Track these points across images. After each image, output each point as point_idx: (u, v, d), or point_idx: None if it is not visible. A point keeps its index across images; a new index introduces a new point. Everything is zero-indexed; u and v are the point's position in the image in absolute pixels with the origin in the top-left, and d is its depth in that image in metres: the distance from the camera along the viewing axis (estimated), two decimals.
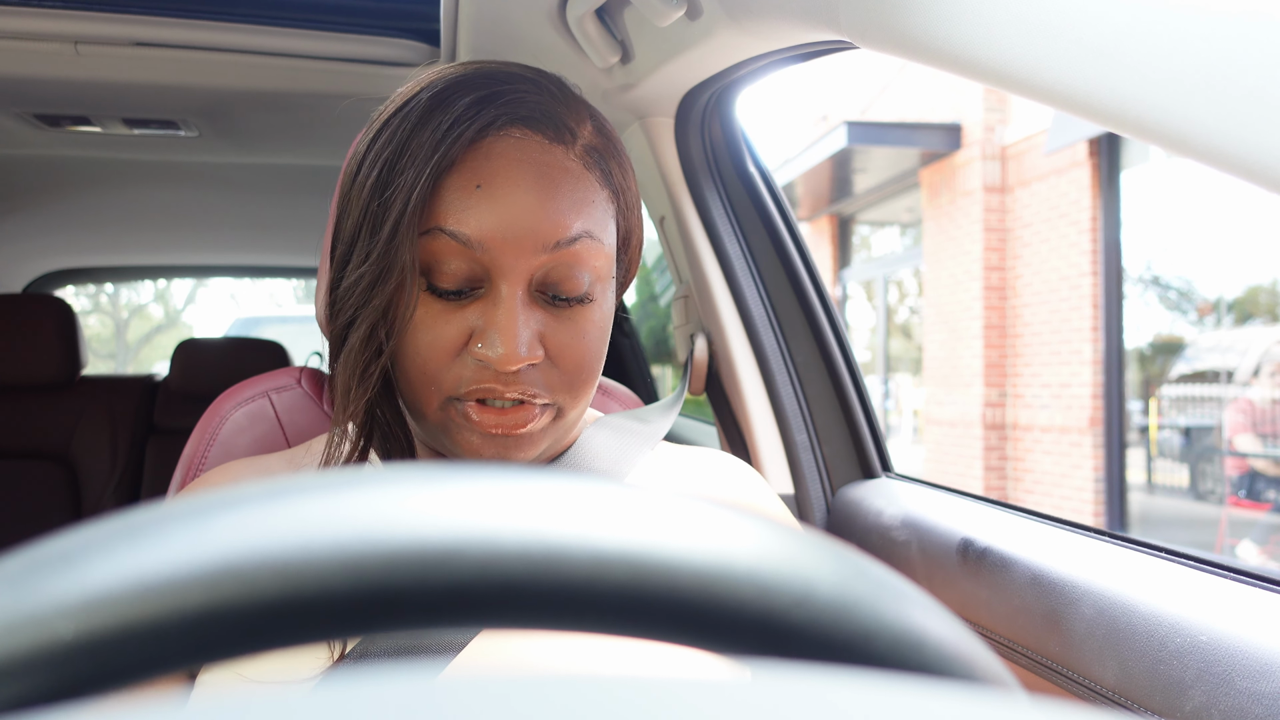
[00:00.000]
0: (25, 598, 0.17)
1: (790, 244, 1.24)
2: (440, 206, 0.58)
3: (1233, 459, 5.09)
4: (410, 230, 0.57)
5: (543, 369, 0.61)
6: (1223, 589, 0.67)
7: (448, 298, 0.60)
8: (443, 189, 0.58)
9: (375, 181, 0.60)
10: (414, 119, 0.60)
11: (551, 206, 0.59)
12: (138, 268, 3.15)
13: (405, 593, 0.18)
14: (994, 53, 0.53)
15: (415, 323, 0.60)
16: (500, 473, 0.21)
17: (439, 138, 0.58)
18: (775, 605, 0.19)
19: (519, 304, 0.59)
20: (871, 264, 9.13)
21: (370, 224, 0.59)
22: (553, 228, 0.59)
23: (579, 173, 0.61)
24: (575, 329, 0.61)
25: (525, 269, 0.59)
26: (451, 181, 0.58)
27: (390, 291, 0.58)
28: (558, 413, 0.63)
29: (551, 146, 0.61)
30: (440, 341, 0.59)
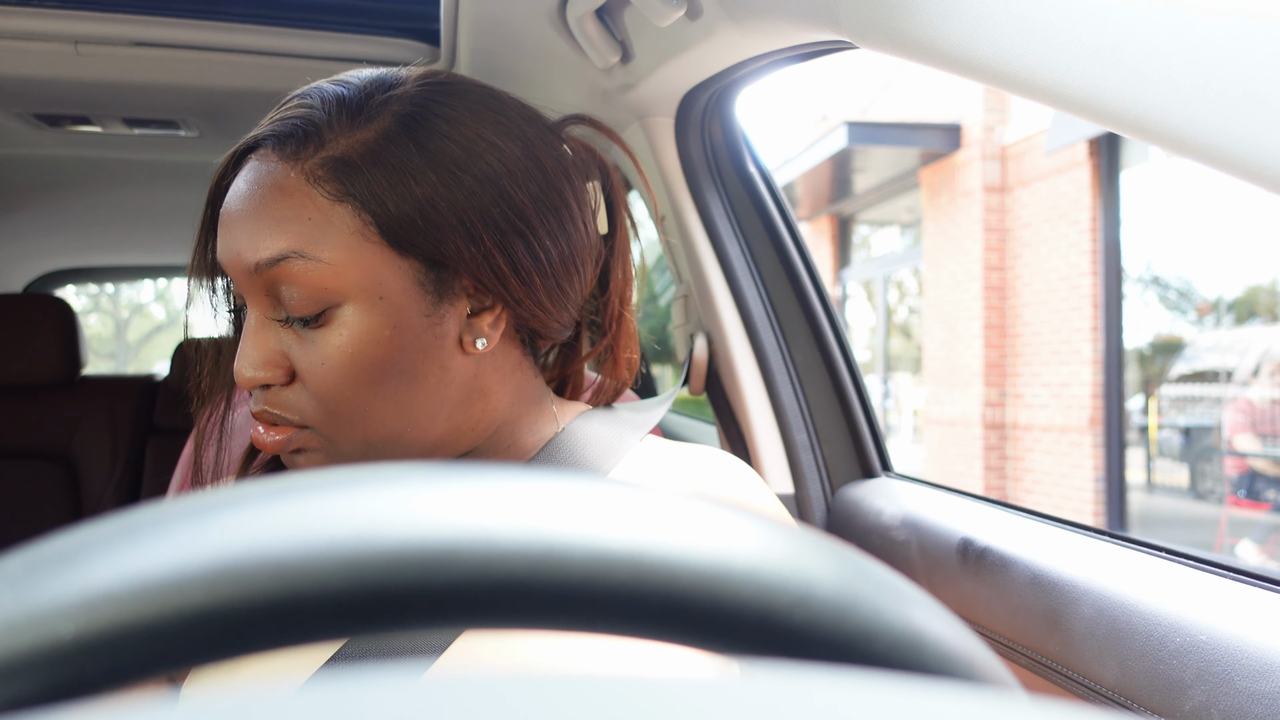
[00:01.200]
0: (25, 598, 0.17)
1: (790, 244, 1.24)
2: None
3: (1232, 459, 5.09)
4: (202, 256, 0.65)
5: (294, 392, 0.61)
6: (1222, 589, 0.67)
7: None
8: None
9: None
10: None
11: (250, 228, 0.59)
12: (138, 268, 3.15)
13: (404, 593, 0.18)
14: (994, 53, 0.53)
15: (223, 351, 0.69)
16: (501, 473, 0.21)
17: (225, 160, 0.63)
18: (775, 605, 0.19)
19: (255, 325, 0.61)
20: (871, 264, 9.13)
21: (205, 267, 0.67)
22: (250, 250, 0.59)
23: (296, 189, 0.59)
24: (316, 353, 0.60)
25: (251, 290, 0.60)
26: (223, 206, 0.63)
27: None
28: (328, 438, 0.62)
29: (281, 164, 0.60)
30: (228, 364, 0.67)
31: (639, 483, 0.21)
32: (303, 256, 0.58)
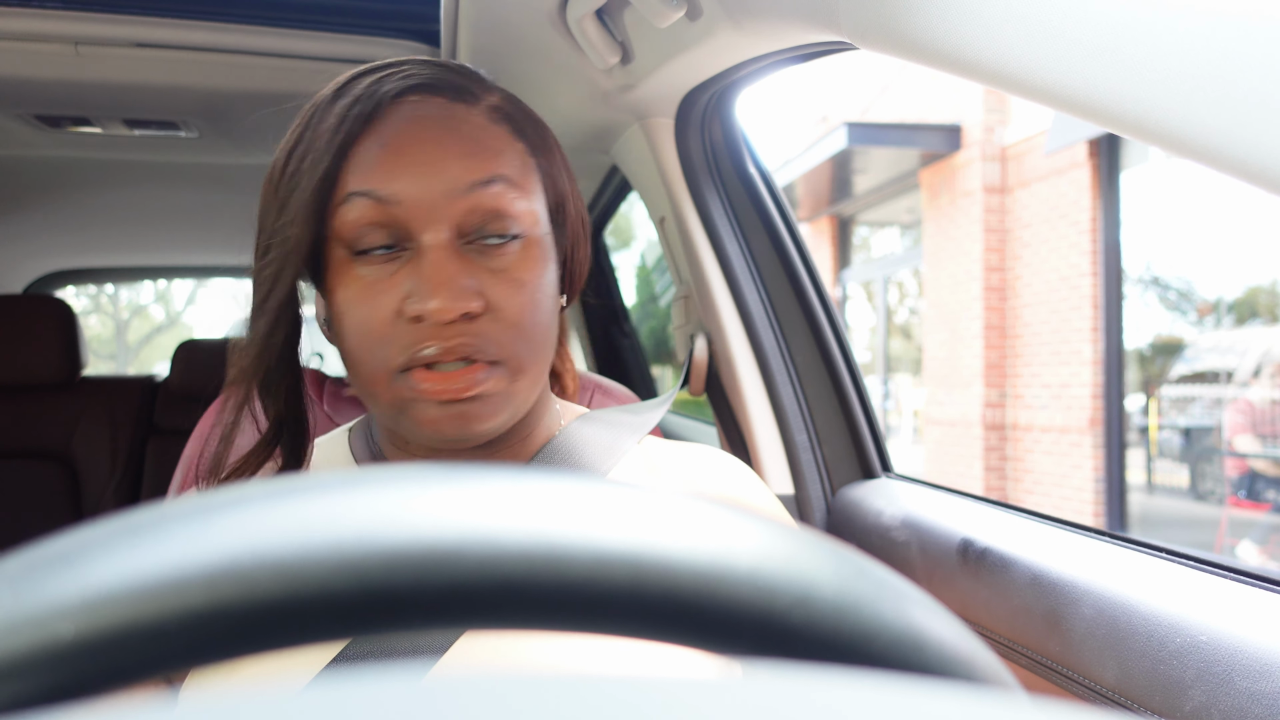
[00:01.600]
0: (25, 598, 0.17)
1: (790, 244, 1.24)
2: (349, 174, 0.59)
3: (1232, 459, 5.09)
4: (319, 201, 0.59)
5: (485, 324, 0.59)
6: (1223, 589, 0.67)
7: (375, 266, 0.59)
8: (350, 159, 0.59)
9: (284, 169, 0.61)
10: (319, 109, 0.62)
11: (460, 150, 0.60)
12: (138, 268, 3.15)
13: (404, 594, 0.18)
14: (994, 53, 0.53)
15: (351, 299, 0.59)
16: (502, 473, 0.21)
17: (341, 116, 0.60)
18: (775, 605, 0.19)
19: (445, 253, 0.59)
20: (871, 264, 9.13)
21: (279, 206, 0.60)
22: (464, 170, 0.59)
23: (485, 124, 0.62)
24: (512, 278, 0.60)
25: (445, 217, 0.59)
26: (358, 150, 0.60)
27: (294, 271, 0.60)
28: (512, 374, 0.61)
29: (453, 105, 0.62)
30: (377, 312, 0.59)
31: (639, 483, 0.21)
32: (507, 181, 0.61)
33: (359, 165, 0.59)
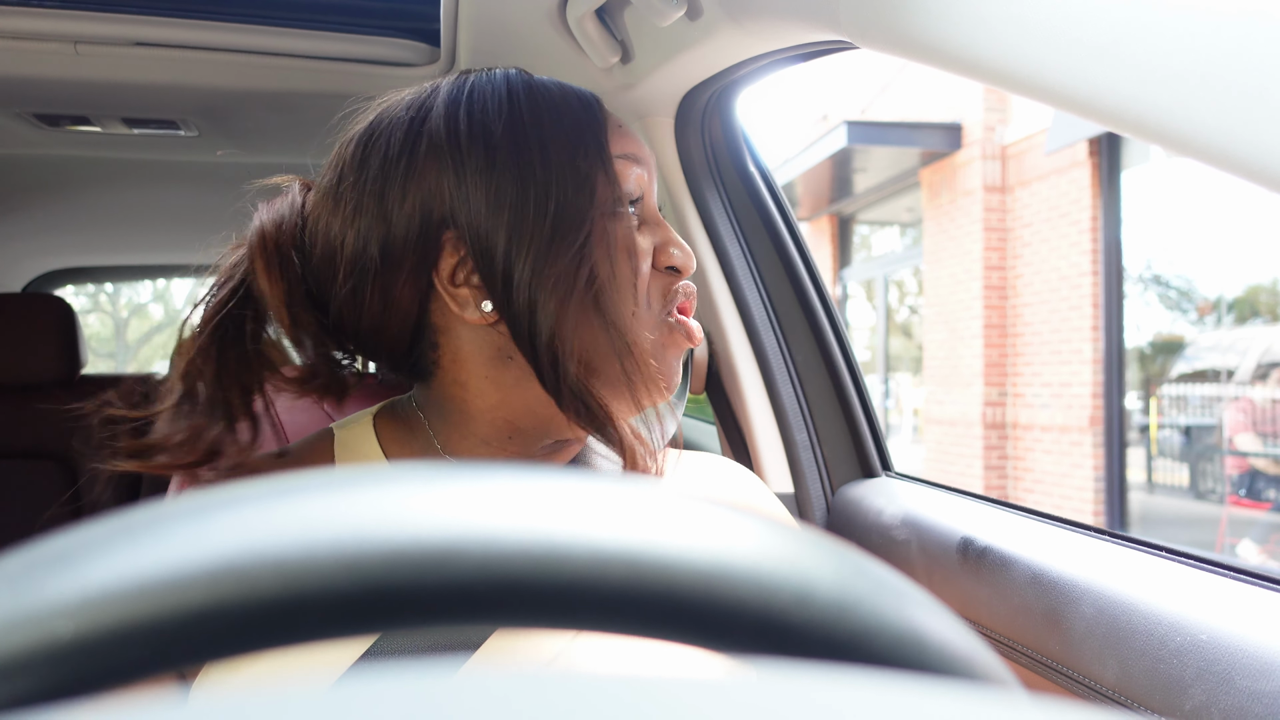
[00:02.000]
0: (24, 597, 0.17)
1: (790, 244, 1.24)
2: (612, 142, 0.66)
3: (1233, 458, 5.09)
4: (613, 177, 0.65)
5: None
6: (1223, 588, 0.67)
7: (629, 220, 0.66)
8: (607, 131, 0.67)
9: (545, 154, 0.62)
10: (534, 102, 0.65)
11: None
12: (138, 267, 3.15)
13: (408, 592, 0.18)
14: (994, 53, 0.53)
15: (632, 250, 0.65)
16: (504, 472, 0.21)
17: (581, 107, 0.67)
18: (775, 604, 0.19)
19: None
20: (871, 263, 9.13)
21: (572, 188, 0.62)
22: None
23: None
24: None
25: (656, 185, 0.70)
26: (608, 125, 0.68)
27: (614, 239, 0.63)
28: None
29: None
30: (646, 260, 0.67)
31: (639, 483, 0.22)
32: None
33: (613, 137, 0.67)
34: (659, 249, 0.68)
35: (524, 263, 0.60)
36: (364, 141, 0.65)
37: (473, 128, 0.62)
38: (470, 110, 0.63)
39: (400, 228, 0.62)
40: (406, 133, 0.64)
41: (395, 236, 0.62)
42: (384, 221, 0.62)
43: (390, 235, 0.62)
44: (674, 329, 0.68)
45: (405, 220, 0.62)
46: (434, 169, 0.62)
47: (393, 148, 0.63)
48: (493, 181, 0.61)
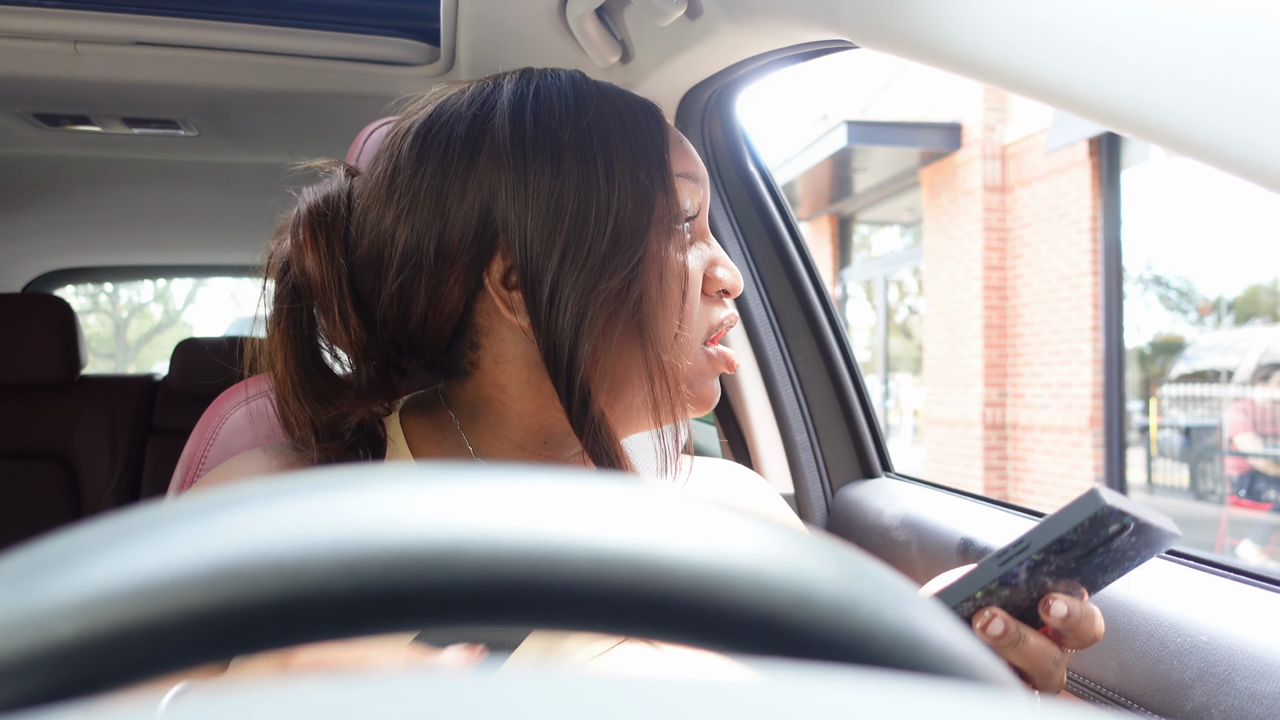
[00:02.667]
0: (24, 598, 0.17)
1: (790, 244, 1.24)
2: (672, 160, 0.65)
3: (1233, 459, 5.09)
4: (673, 199, 0.63)
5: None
6: (1223, 589, 0.67)
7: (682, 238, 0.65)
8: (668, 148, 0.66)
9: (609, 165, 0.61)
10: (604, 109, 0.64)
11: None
12: (138, 267, 3.15)
13: (411, 593, 0.18)
14: (994, 53, 0.53)
15: (683, 273, 0.63)
16: (506, 472, 0.21)
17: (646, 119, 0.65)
18: (776, 605, 0.19)
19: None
20: (871, 263, 9.13)
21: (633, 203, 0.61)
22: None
23: None
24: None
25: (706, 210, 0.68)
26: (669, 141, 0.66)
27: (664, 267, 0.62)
28: None
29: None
30: (697, 283, 0.65)
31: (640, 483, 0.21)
32: None
33: (673, 153, 0.65)
34: (709, 270, 0.66)
35: (576, 275, 0.59)
36: (422, 135, 0.64)
37: (539, 131, 0.61)
38: (537, 111, 0.62)
39: (457, 226, 0.61)
40: (469, 129, 0.62)
41: (451, 235, 0.61)
42: (441, 218, 0.61)
43: (446, 233, 0.61)
44: (713, 358, 0.67)
45: (463, 219, 0.61)
46: (495, 169, 0.61)
47: (454, 144, 0.62)
48: (556, 188, 0.60)
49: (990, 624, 0.54)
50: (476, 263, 0.61)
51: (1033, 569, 0.52)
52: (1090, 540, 0.52)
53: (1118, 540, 0.52)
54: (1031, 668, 0.55)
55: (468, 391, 0.67)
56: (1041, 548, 0.51)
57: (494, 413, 0.66)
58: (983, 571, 0.53)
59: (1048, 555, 0.52)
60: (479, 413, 0.67)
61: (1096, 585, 0.56)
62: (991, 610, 0.54)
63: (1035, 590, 0.54)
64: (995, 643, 0.54)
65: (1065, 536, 0.51)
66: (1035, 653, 0.55)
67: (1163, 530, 0.54)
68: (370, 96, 1.41)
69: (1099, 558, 0.53)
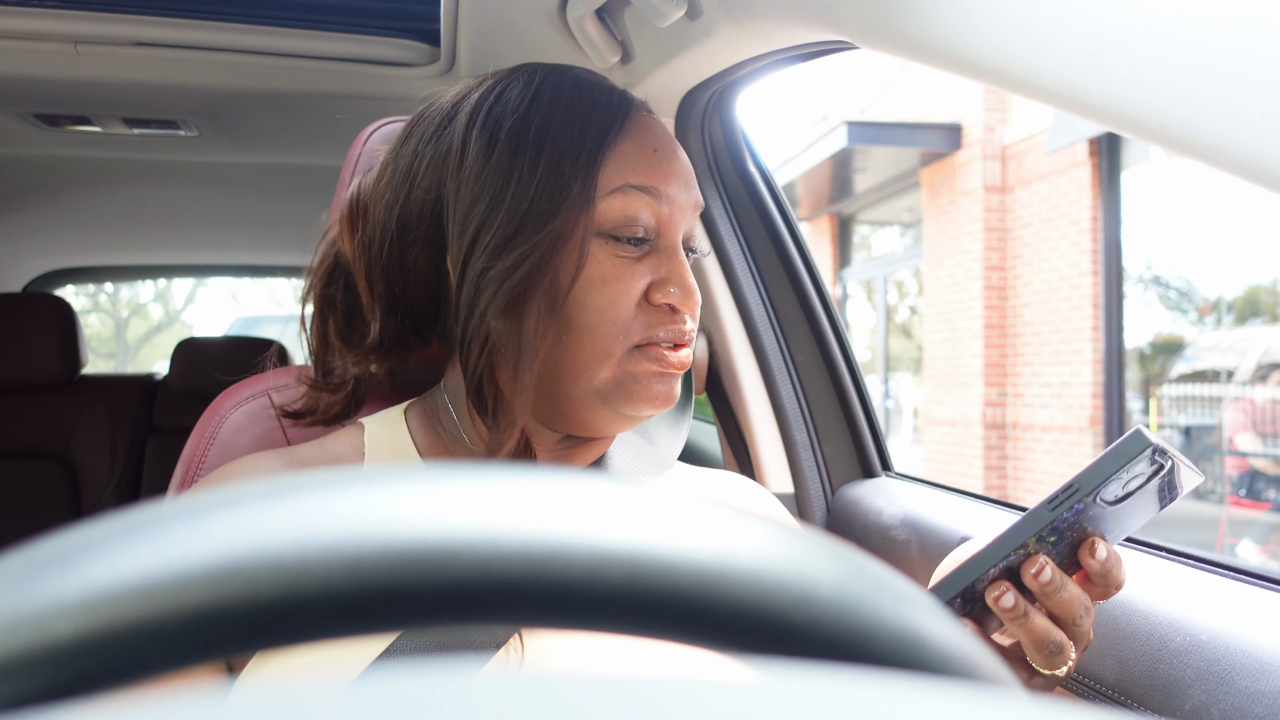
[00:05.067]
0: (25, 597, 0.17)
1: (790, 244, 1.24)
2: (620, 168, 0.65)
3: (1233, 458, 5.09)
4: (591, 190, 0.64)
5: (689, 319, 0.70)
6: (1223, 588, 0.67)
7: (626, 254, 0.65)
8: (619, 153, 0.65)
9: (537, 155, 0.64)
10: (557, 103, 0.66)
11: (690, 172, 0.70)
12: (138, 267, 3.15)
13: (405, 591, 0.18)
14: (994, 53, 0.53)
15: (598, 278, 0.64)
16: (506, 472, 0.21)
17: (603, 115, 0.65)
18: (776, 604, 0.19)
19: (683, 255, 0.68)
20: (872, 264, 9.13)
21: (547, 193, 0.63)
22: (695, 190, 0.70)
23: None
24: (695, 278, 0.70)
25: (685, 225, 0.68)
26: (625, 147, 0.66)
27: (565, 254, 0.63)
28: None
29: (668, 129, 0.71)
30: (630, 292, 0.65)
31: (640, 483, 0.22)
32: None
33: (632, 161, 0.66)
34: (657, 283, 0.66)
35: (481, 254, 0.63)
36: (411, 123, 0.71)
37: (487, 120, 0.66)
38: (494, 104, 0.67)
39: (416, 202, 0.67)
40: (443, 118, 0.69)
41: (410, 211, 0.67)
42: (406, 194, 0.68)
43: (408, 208, 0.67)
44: (647, 355, 0.66)
45: (421, 195, 0.67)
46: (448, 154, 0.66)
47: (427, 130, 0.69)
48: (484, 173, 0.64)
49: (1041, 571, 0.56)
50: (435, 236, 0.67)
51: (1076, 514, 0.54)
52: (1130, 482, 0.53)
53: (1152, 481, 0.54)
54: (1067, 615, 0.57)
55: (457, 371, 0.71)
56: (1091, 489, 0.53)
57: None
58: (1034, 519, 0.55)
59: (1094, 498, 0.53)
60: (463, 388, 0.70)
61: (1121, 533, 0.58)
62: (1043, 558, 0.56)
63: (1073, 536, 0.56)
64: (1042, 589, 0.56)
65: (1112, 476, 0.52)
66: (1073, 600, 0.57)
67: (1190, 472, 0.56)
68: (370, 97, 1.41)
69: (1133, 500, 0.55)
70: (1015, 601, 0.57)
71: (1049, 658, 0.58)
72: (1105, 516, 0.56)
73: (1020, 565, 0.57)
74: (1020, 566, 0.57)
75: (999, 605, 0.57)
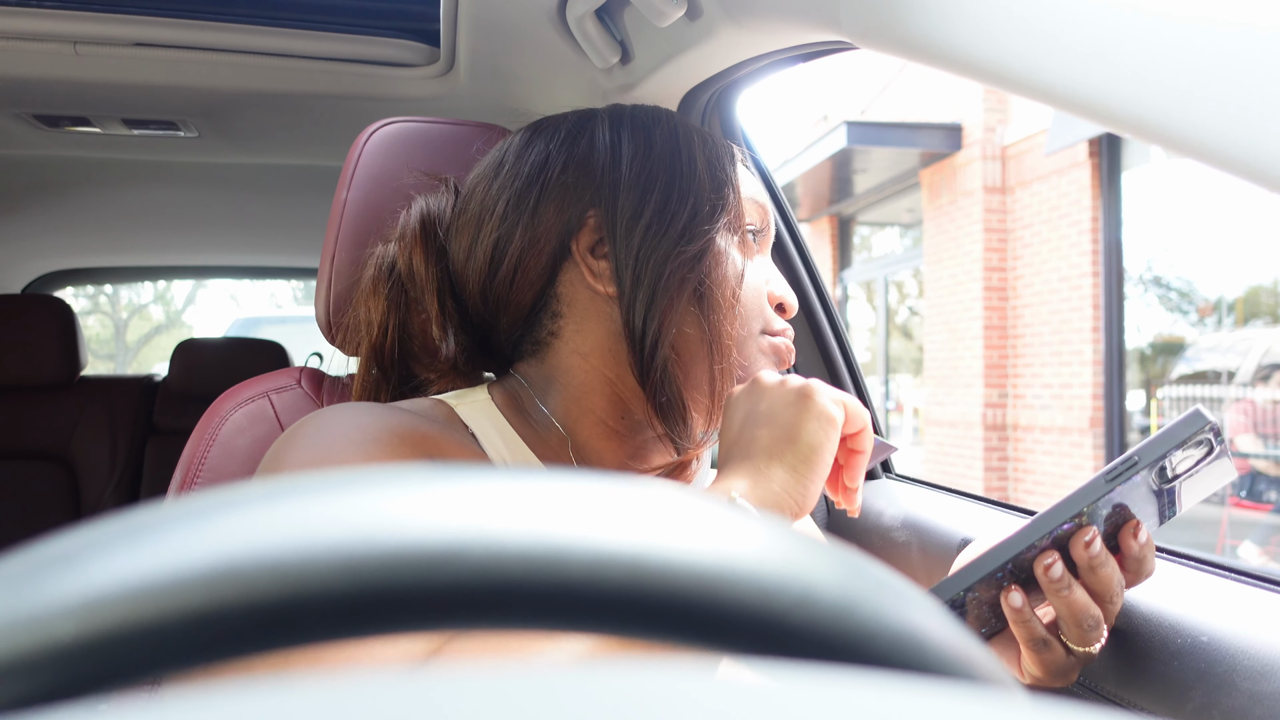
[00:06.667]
0: (25, 598, 0.17)
1: (790, 245, 1.24)
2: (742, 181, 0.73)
3: (1234, 459, 5.08)
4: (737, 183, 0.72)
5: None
6: (1224, 589, 0.67)
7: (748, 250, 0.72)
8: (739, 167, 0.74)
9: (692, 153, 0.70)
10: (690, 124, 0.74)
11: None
12: (138, 268, 3.15)
13: (403, 594, 0.18)
14: (994, 53, 0.53)
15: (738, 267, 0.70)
16: (505, 473, 0.21)
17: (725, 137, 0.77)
18: (776, 606, 0.19)
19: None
20: (872, 264, 9.13)
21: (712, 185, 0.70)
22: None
23: None
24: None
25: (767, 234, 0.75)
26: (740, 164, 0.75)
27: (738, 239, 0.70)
28: None
29: None
30: (760, 285, 0.72)
31: (642, 485, 0.21)
32: None
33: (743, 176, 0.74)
34: (770, 282, 0.73)
35: (658, 242, 0.67)
36: (531, 128, 0.75)
37: (635, 125, 0.72)
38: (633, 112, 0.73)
39: (548, 211, 0.70)
40: (578, 120, 0.73)
41: (543, 218, 0.70)
42: (535, 206, 0.70)
43: (539, 217, 0.70)
44: (769, 348, 0.72)
45: (554, 204, 0.70)
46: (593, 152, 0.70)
47: (560, 132, 0.72)
48: (646, 168, 0.69)
49: (1093, 542, 0.58)
50: (565, 233, 0.69)
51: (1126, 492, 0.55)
52: (1180, 464, 0.55)
53: (1201, 465, 0.55)
54: (1105, 592, 0.59)
55: (546, 364, 0.72)
56: (1150, 462, 0.54)
57: (575, 382, 0.71)
58: (1090, 490, 0.56)
59: (1151, 471, 0.54)
60: (558, 384, 0.72)
61: (1159, 520, 0.60)
62: (1094, 530, 0.57)
63: (1117, 517, 0.57)
64: (1090, 561, 0.58)
65: (1170, 453, 0.54)
66: (1112, 577, 0.59)
67: (1230, 465, 0.58)
68: (370, 98, 1.41)
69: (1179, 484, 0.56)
70: (1063, 573, 0.58)
71: (1086, 632, 0.59)
72: (1149, 499, 0.58)
73: (1070, 537, 0.58)
74: (1070, 538, 0.58)
75: (1048, 575, 0.59)
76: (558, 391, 0.71)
